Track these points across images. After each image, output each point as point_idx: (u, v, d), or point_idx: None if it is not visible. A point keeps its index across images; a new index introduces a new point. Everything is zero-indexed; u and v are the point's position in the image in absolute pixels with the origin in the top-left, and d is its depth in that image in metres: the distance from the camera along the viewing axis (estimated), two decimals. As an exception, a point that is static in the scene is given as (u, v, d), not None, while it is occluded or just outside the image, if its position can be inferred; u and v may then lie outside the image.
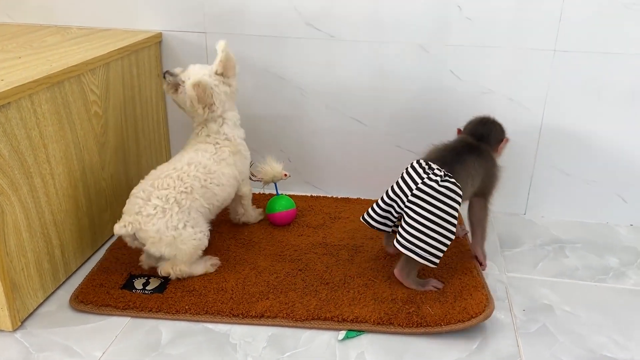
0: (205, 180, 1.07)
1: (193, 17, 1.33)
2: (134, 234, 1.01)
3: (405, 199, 1.01)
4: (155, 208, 1.01)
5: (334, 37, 1.30)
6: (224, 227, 1.26)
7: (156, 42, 1.35)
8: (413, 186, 1.00)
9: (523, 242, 1.27)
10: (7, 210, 0.90)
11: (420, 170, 1.02)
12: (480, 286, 1.04)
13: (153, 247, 1.02)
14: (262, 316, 0.97)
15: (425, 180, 1.00)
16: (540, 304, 1.06)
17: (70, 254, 1.08)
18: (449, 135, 1.15)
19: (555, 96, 1.27)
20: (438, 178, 0.99)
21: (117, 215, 1.06)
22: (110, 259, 1.13)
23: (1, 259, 0.89)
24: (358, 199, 1.42)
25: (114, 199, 1.22)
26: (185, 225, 1.02)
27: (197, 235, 1.04)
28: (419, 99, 1.32)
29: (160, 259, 1.05)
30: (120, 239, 1.13)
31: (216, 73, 1.12)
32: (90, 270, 1.10)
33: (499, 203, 1.35)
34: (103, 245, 1.20)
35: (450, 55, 1.27)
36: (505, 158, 1.18)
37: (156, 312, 0.98)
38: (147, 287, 1.05)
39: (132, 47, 1.23)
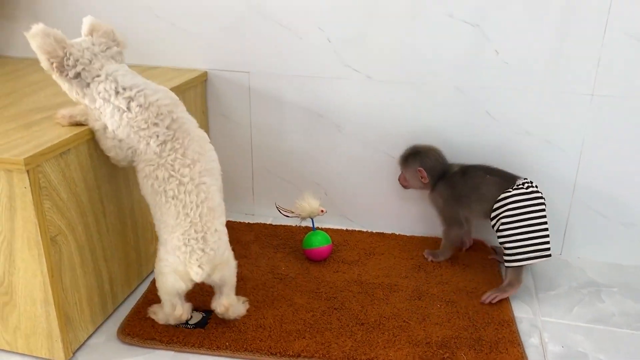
0: None
1: (237, 57, 1.39)
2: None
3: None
4: (216, 231, 1.01)
5: (370, 78, 1.34)
6: (262, 261, 1.30)
7: (202, 80, 1.41)
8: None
9: (558, 285, 1.28)
10: (64, 249, 0.96)
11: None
12: (517, 343, 1.05)
13: (219, 272, 1.02)
14: (299, 356, 1.01)
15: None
16: (575, 351, 1.06)
17: (118, 286, 1.14)
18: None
19: (592, 139, 1.28)
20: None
21: None
22: (155, 290, 1.18)
23: (57, 295, 0.95)
24: (392, 234, 1.44)
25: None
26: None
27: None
28: (453, 138, 1.34)
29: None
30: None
31: None
32: (136, 302, 1.16)
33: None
34: (148, 276, 1.26)
35: (487, 96, 1.30)
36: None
37: (198, 347, 1.03)
38: (190, 322, 1.10)
39: (180, 87, 1.29)
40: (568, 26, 1.21)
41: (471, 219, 1.33)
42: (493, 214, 1.21)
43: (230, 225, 1.41)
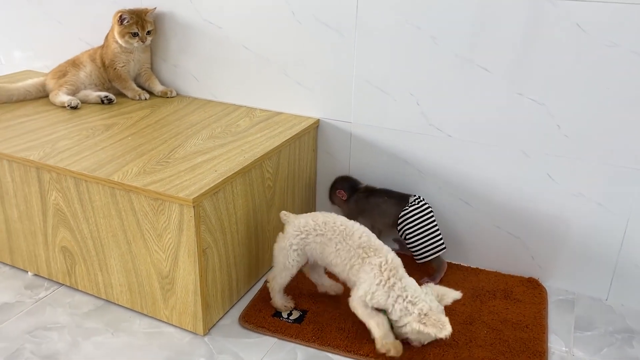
0: None
1: (344, 110, 1.74)
2: None
3: None
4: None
5: (451, 137, 1.63)
6: (349, 276, 1.65)
7: (315, 127, 1.78)
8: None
9: (595, 327, 1.50)
10: (209, 258, 1.37)
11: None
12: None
13: None
14: (367, 355, 1.35)
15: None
16: (592, 384, 1.30)
17: (241, 283, 1.55)
18: (539, 221, 1.43)
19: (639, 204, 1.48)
20: None
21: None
22: (267, 290, 1.58)
23: (203, 289, 1.37)
24: (458, 265, 1.73)
25: (273, 242, 1.67)
26: None
27: None
28: (516, 191, 1.60)
29: None
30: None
31: None
32: (253, 296, 1.56)
33: (583, 285, 1.59)
34: (262, 276, 1.66)
35: (548, 162, 1.54)
36: (591, 243, 1.44)
37: (294, 338, 1.41)
38: (290, 317, 1.48)
39: (297, 135, 1.67)
40: (624, 108, 1.42)
41: (379, 228, 1.68)
42: (398, 227, 1.61)
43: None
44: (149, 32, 1.88)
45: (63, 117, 1.75)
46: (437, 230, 1.62)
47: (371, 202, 1.68)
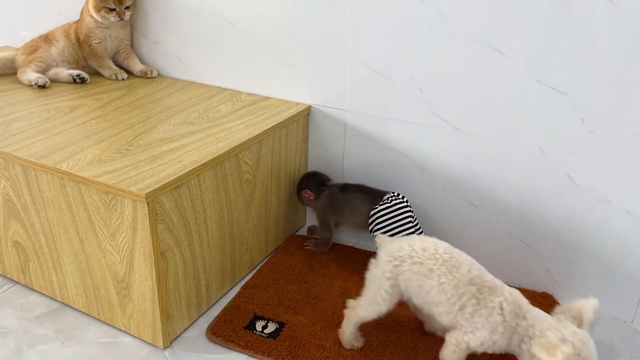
0: None
1: (338, 96, 1.54)
2: None
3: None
4: None
5: (457, 129, 1.42)
6: (337, 283, 1.46)
7: (305, 114, 1.59)
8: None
9: (619, 353, 1.29)
10: (170, 261, 1.19)
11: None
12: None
13: None
14: (347, 380, 1.16)
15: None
16: None
17: (212, 289, 1.37)
18: (556, 229, 1.22)
19: (677, 216, 1.26)
20: None
21: (255, 257, 1.37)
22: (243, 298, 1.40)
23: (162, 297, 1.19)
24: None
25: (253, 244, 1.49)
26: None
27: None
28: (530, 194, 1.39)
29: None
30: (255, 278, 1.41)
31: None
32: (225, 304, 1.38)
33: (606, 304, 1.38)
34: (240, 281, 1.48)
35: (570, 161, 1.32)
36: (616, 256, 1.26)
37: (267, 356, 1.22)
38: (265, 330, 1.30)
39: (284, 123, 1.48)
40: (661, 103, 1.20)
41: (348, 227, 1.60)
42: (370, 227, 1.44)
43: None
44: (127, 7, 1.70)
45: (28, 96, 1.59)
46: (412, 232, 1.43)
47: (342, 199, 1.51)
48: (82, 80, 1.69)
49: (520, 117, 1.34)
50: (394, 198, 1.46)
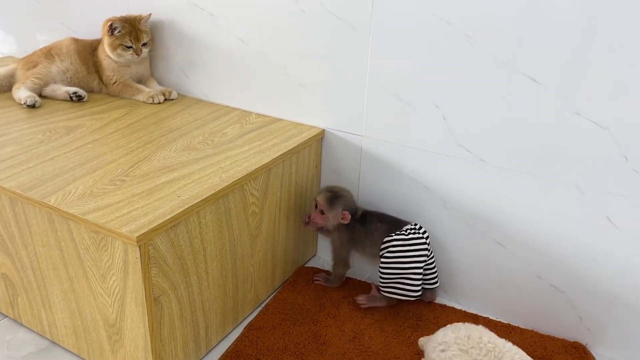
0: None
1: (354, 120, 1.43)
2: None
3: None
4: None
5: (484, 161, 1.30)
6: (348, 326, 1.35)
7: (318, 138, 1.47)
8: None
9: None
10: (165, 306, 1.09)
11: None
12: None
13: None
14: None
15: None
16: None
17: (212, 332, 1.26)
18: (592, 274, 1.09)
19: None
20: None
21: (260, 294, 1.32)
22: (245, 341, 1.29)
23: (155, 345, 1.09)
24: (498, 322, 1.40)
25: (258, 280, 1.38)
26: None
27: None
28: (564, 235, 1.26)
29: None
30: (259, 318, 1.30)
31: None
32: (226, 348, 1.27)
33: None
34: (243, 320, 1.37)
35: (610, 202, 1.19)
36: None
37: (269, 412, 1.11)
38: (268, 380, 1.18)
39: (295, 149, 1.36)
40: None
41: (362, 256, 1.47)
42: (380, 253, 1.35)
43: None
44: (144, 44, 1.60)
45: (22, 115, 1.49)
46: (419, 273, 1.34)
47: (364, 231, 1.39)
48: (79, 98, 1.59)
49: (556, 151, 1.21)
50: (412, 230, 1.34)
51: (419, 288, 1.35)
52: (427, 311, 1.40)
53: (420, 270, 1.33)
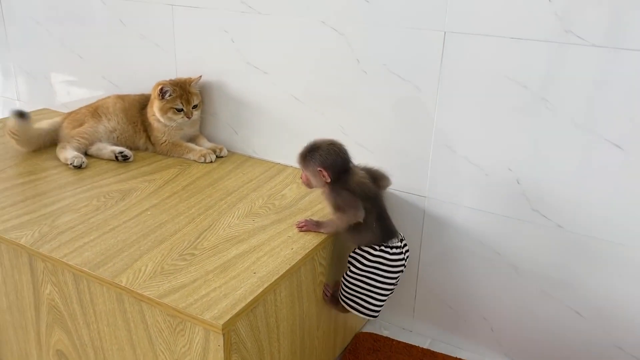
0: None
1: (417, 181, 1.38)
2: None
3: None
4: None
5: (561, 227, 1.24)
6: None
7: (379, 199, 1.42)
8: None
9: None
10: (242, 392, 1.02)
11: None
12: None
13: None
14: None
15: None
16: None
17: (280, 410, 1.19)
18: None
19: None
20: None
21: None
22: (313, 419, 1.22)
23: None
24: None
25: (321, 352, 1.31)
26: None
27: None
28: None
29: None
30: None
31: None
32: None
33: None
34: (306, 393, 1.30)
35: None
36: None
37: None
38: None
39: (358, 214, 1.31)
40: None
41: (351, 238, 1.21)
42: (350, 255, 1.19)
43: (384, 342, 1.41)
44: (195, 107, 1.56)
45: (72, 177, 1.44)
46: (385, 294, 1.19)
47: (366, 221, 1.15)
48: (125, 158, 1.54)
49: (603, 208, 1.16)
50: (397, 249, 1.17)
51: (381, 308, 1.21)
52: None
53: (391, 291, 1.20)
